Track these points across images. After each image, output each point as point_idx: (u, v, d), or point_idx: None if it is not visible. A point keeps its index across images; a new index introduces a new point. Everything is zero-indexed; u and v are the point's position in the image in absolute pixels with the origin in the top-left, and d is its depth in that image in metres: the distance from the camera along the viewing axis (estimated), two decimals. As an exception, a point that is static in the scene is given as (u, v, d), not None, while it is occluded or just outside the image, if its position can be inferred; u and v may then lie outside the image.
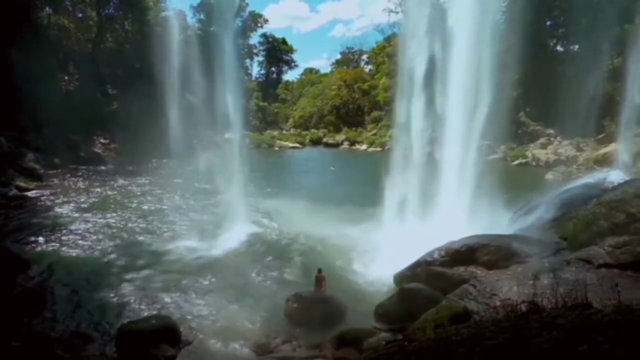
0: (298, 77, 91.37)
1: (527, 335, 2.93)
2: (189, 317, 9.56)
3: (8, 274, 11.07)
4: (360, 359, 5.17)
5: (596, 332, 2.64)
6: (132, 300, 10.34)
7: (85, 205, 20.29)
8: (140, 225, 17.16)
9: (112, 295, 10.63)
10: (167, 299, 10.47)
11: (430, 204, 14.82)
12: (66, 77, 42.58)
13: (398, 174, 16.23)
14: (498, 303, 6.93)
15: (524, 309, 4.12)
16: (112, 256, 13.59)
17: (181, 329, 8.48)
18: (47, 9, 40.68)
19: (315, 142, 62.29)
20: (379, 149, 52.10)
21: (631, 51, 26.57)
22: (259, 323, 9.38)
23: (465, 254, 10.10)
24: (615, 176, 14.70)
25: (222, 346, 8.43)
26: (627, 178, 13.84)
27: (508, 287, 8.18)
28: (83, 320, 9.34)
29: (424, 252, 10.86)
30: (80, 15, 45.07)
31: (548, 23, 43.07)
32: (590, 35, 34.55)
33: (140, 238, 15.60)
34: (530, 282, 7.81)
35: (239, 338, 8.74)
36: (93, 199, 21.79)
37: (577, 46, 41.50)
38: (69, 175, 28.42)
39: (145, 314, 9.38)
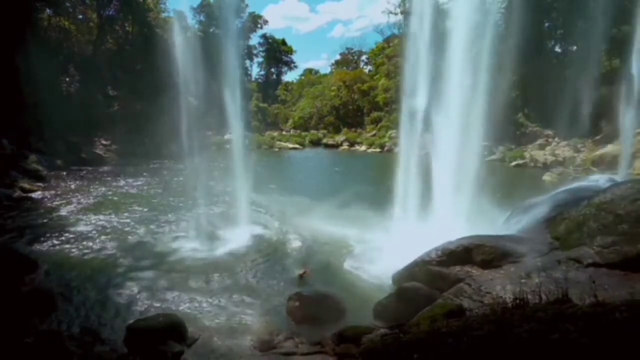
0: (297, 77, 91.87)
1: (509, 326, 3.26)
2: (194, 314, 9.86)
3: (16, 275, 11.37)
4: (359, 350, 5.48)
5: (569, 323, 2.96)
6: (138, 299, 10.66)
7: (89, 206, 20.60)
8: (144, 226, 17.45)
9: (119, 294, 10.93)
10: (173, 298, 10.77)
11: (429, 205, 15.13)
12: (67, 79, 42.76)
13: (397, 174, 16.55)
14: (491, 300, 7.28)
15: (510, 304, 4.46)
16: (117, 256, 13.89)
17: (187, 326, 8.78)
18: (47, 10, 40.82)
19: (315, 143, 62.58)
20: (378, 149, 52.48)
21: (629, 52, 26.87)
22: (262, 320, 9.66)
23: (461, 254, 10.40)
24: (608, 179, 15.05)
25: (226, 342, 8.71)
26: (619, 180, 14.20)
27: (501, 286, 8.50)
28: (92, 319, 9.65)
29: (421, 252, 11.18)
30: (80, 16, 45.21)
31: (546, 24, 43.37)
32: (588, 37, 34.87)
33: (144, 238, 15.89)
34: (522, 280, 8.18)
35: (242, 335, 9.03)
36: (96, 200, 22.11)
37: (575, 47, 41.82)
38: (71, 176, 28.70)
39: (152, 311, 9.68)
